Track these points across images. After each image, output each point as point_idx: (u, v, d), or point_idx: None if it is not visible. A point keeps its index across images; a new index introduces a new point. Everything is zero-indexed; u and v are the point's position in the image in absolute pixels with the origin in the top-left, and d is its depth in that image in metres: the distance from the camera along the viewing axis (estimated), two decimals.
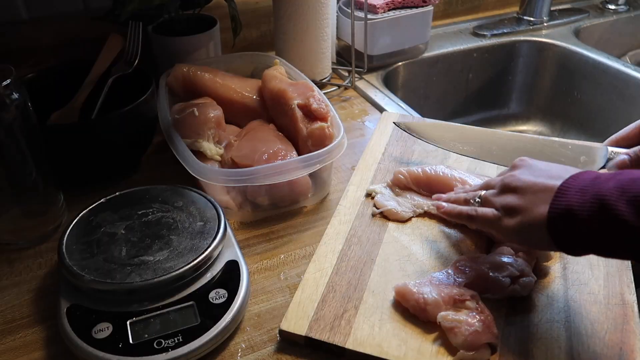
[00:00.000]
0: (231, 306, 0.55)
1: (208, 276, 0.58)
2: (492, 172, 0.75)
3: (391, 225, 0.68)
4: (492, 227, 0.56)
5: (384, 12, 1.04)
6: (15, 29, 0.89)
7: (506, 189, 0.54)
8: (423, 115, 0.94)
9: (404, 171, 0.73)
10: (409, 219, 0.69)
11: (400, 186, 0.73)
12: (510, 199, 0.53)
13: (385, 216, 0.69)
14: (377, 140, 0.84)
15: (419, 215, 0.69)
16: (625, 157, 0.58)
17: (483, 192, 0.58)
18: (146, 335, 0.52)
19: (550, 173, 0.52)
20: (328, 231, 0.67)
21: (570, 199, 0.47)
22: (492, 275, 0.57)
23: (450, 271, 0.59)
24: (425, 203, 0.70)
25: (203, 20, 0.94)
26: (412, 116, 0.91)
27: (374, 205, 0.70)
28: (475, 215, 0.57)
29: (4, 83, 0.59)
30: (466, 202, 0.60)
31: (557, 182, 0.50)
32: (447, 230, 0.67)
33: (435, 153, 0.80)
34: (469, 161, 0.78)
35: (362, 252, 0.64)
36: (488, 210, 0.56)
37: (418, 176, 0.72)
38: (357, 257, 0.63)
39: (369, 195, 0.73)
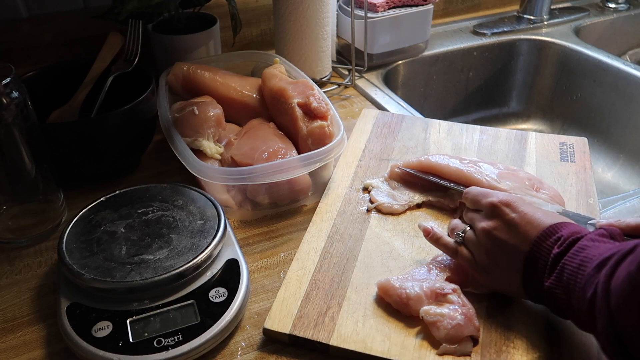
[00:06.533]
0: (231, 305, 0.55)
1: (208, 275, 0.58)
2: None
3: (373, 221, 0.68)
4: (469, 268, 0.57)
5: (384, 11, 1.04)
6: (15, 28, 0.89)
7: (484, 241, 0.55)
8: (423, 113, 0.94)
9: (399, 164, 0.74)
10: (404, 212, 0.69)
11: (397, 180, 0.73)
12: (484, 259, 0.55)
13: (379, 210, 0.69)
14: (357, 137, 0.84)
15: (412, 209, 0.70)
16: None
17: (469, 229, 0.58)
18: (146, 334, 0.52)
19: (520, 234, 0.52)
20: (310, 229, 0.67)
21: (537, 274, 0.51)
22: None
23: (431, 266, 0.60)
24: (420, 196, 0.71)
25: (203, 18, 0.94)
26: (392, 113, 0.91)
27: (370, 200, 0.71)
28: (457, 256, 0.58)
29: (4, 81, 0.59)
30: (452, 232, 0.60)
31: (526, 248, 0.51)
32: (428, 225, 0.67)
33: (414, 149, 0.81)
34: (453, 152, 0.80)
35: (345, 249, 0.64)
36: (467, 254, 0.57)
37: (413, 165, 0.73)
38: (340, 254, 0.63)
39: (366, 189, 0.73)
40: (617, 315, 0.42)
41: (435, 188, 0.71)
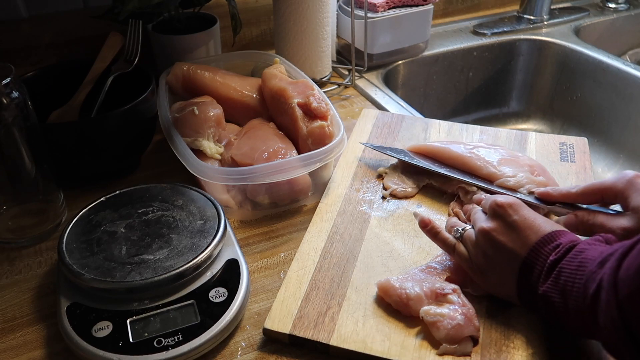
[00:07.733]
0: (231, 305, 0.55)
1: (208, 275, 0.58)
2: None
3: (373, 221, 0.68)
4: (465, 266, 0.58)
5: (384, 11, 1.04)
6: (15, 28, 0.89)
7: (482, 243, 0.55)
8: (423, 113, 0.94)
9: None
10: (415, 194, 0.72)
11: (403, 166, 0.76)
12: (481, 261, 0.55)
13: (394, 195, 0.72)
14: (357, 137, 0.84)
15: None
16: (572, 216, 0.59)
17: (469, 227, 0.58)
18: (146, 334, 0.52)
19: (520, 240, 0.52)
20: (310, 229, 0.67)
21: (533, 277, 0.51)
22: None
23: (431, 266, 0.60)
24: (424, 179, 0.73)
25: (203, 18, 0.94)
26: (392, 113, 0.91)
27: (383, 187, 0.73)
28: (454, 252, 0.58)
29: (4, 82, 0.59)
30: (450, 228, 0.60)
31: (523, 253, 0.52)
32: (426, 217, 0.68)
33: None
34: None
35: (345, 249, 0.64)
36: (464, 252, 0.57)
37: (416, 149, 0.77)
38: (340, 254, 0.63)
39: (380, 176, 0.75)
40: (627, 304, 0.41)
41: (437, 172, 0.73)
